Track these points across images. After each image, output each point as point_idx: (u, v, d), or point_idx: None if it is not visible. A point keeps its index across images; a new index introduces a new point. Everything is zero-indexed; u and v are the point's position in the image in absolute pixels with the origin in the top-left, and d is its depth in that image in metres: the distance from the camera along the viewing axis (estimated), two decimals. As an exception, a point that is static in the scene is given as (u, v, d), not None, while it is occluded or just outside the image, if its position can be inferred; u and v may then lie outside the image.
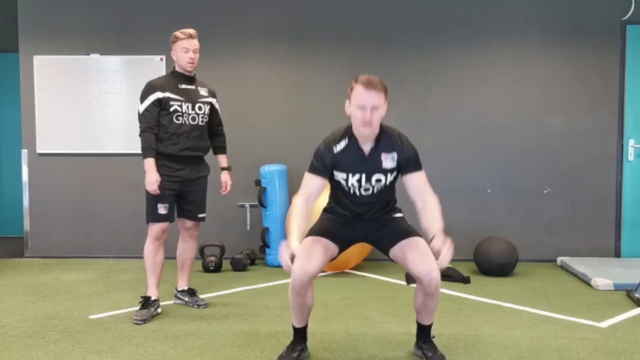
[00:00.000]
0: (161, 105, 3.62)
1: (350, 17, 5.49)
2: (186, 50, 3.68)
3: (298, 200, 2.75)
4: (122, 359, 2.97)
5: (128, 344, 3.18)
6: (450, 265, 4.83)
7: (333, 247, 2.82)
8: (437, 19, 5.43)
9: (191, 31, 3.72)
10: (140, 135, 3.61)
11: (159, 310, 3.71)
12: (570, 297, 4.15)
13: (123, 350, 3.08)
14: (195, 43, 3.72)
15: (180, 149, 3.66)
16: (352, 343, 3.19)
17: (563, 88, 5.39)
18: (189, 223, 3.88)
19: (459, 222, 5.46)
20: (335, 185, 2.88)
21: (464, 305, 3.94)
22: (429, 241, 2.63)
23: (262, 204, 5.19)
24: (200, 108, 3.75)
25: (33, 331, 3.39)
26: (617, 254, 5.40)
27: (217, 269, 5.00)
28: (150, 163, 3.58)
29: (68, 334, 3.34)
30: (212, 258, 5.01)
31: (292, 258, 2.60)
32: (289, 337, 3.26)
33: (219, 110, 3.94)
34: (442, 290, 4.33)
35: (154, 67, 5.43)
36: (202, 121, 3.76)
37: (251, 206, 5.51)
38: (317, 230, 2.83)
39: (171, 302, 4.01)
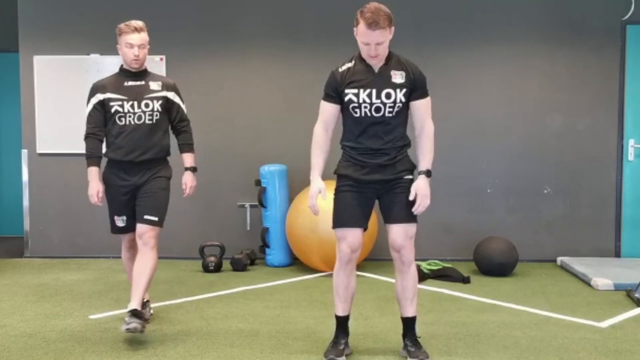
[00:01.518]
0: (104, 107, 3.36)
1: (350, 17, 5.46)
2: (130, 46, 3.32)
3: (319, 129, 2.94)
4: (122, 359, 2.97)
5: (128, 344, 3.18)
6: (450, 265, 4.84)
7: (362, 225, 2.93)
8: (437, 19, 5.43)
9: (137, 24, 3.36)
10: (84, 141, 3.41)
11: (151, 311, 3.67)
12: (570, 297, 4.15)
13: (123, 350, 3.08)
14: (141, 37, 3.35)
15: (125, 153, 3.34)
16: (352, 343, 3.18)
17: (563, 88, 5.39)
18: (139, 227, 3.36)
19: (459, 222, 5.46)
20: (348, 115, 2.92)
21: (464, 305, 3.94)
22: (416, 175, 2.93)
23: (262, 204, 5.19)
24: (147, 105, 3.37)
25: (33, 331, 3.39)
26: (617, 254, 5.40)
27: (217, 269, 5.00)
28: (92, 173, 3.37)
29: (68, 334, 3.34)
30: (212, 258, 5.01)
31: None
32: (289, 337, 3.27)
33: (180, 105, 3.56)
34: (443, 290, 4.34)
35: (154, 67, 5.38)
36: (150, 119, 3.38)
37: (251, 206, 5.51)
38: (341, 220, 2.90)
39: (169, 302, 4.00)
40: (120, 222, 3.44)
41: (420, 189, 2.84)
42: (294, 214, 4.86)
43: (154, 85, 3.44)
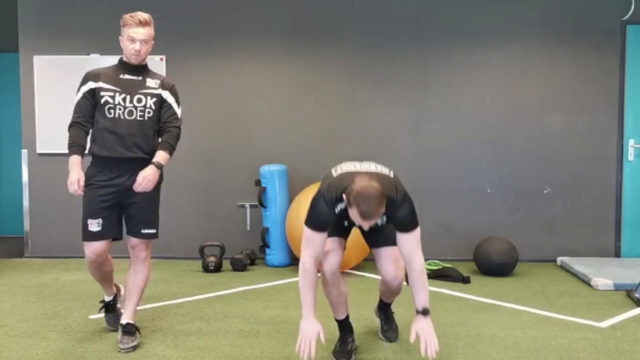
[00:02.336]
0: (94, 97, 3.14)
1: (351, 17, 5.49)
2: (132, 40, 3.10)
3: (310, 263, 2.71)
4: (122, 359, 2.97)
5: (128, 344, 3.18)
6: (450, 265, 4.84)
7: (342, 239, 2.97)
8: (437, 19, 5.43)
9: (141, 17, 3.12)
10: (68, 130, 3.16)
11: (122, 292, 3.50)
12: (570, 297, 4.15)
13: (123, 351, 3.07)
14: (145, 32, 3.12)
15: (112, 149, 3.11)
16: (352, 343, 3.19)
17: (563, 88, 5.39)
18: (132, 240, 3.24)
19: (459, 222, 5.46)
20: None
21: (464, 305, 3.94)
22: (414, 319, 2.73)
23: (262, 204, 5.19)
24: (140, 100, 3.15)
25: (33, 331, 3.39)
26: (617, 254, 5.40)
27: (217, 269, 5.00)
28: (73, 160, 3.10)
29: (68, 334, 3.34)
30: (212, 258, 5.01)
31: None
32: (289, 337, 3.27)
33: (172, 105, 3.26)
34: (443, 290, 4.34)
35: (154, 67, 5.36)
36: (141, 116, 3.15)
37: (251, 206, 5.51)
38: (320, 229, 2.80)
39: (169, 302, 4.00)
40: (95, 225, 3.17)
41: (424, 331, 2.64)
42: (294, 214, 4.86)
43: (151, 82, 3.23)
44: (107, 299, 3.45)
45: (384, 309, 3.28)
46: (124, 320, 3.18)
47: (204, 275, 4.88)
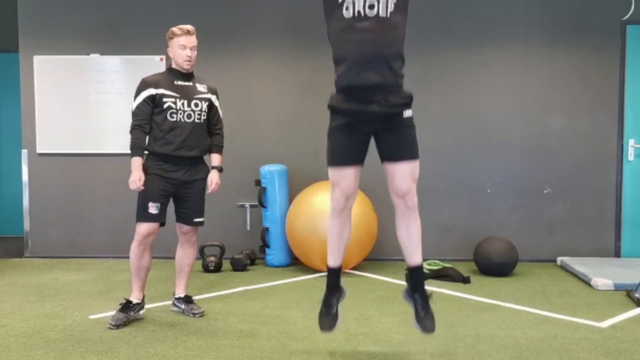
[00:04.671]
0: (154, 102, 3.51)
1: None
2: (183, 47, 3.57)
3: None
4: (122, 359, 2.97)
5: (128, 344, 3.18)
6: (450, 265, 4.84)
7: (356, 167, 2.76)
8: (437, 18, 5.43)
9: (189, 27, 3.59)
10: (130, 132, 3.50)
11: (141, 313, 3.63)
12: (570, 297, 4.15)
13: (123, 350, 3.08)
14: (193, 40, 3.61)
15: (175, 148, 3.52)
16: (352, 343, 3.19)
17: (563, 88, 5.39)
18: (185, 227, 3.74)
19: (459, 222, 5.46)
20: (339, 22, 2.79)
21: (464, 305, 3.94)
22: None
23: (262, 204, 5.19)
24: (196, 105, 3.60)
25: (33, 331, 3.40)
26: (617, 254, 5.40)
27: (217, 269, 5.00)
28: (136, 162, 3.47)
29: (68, 334, 3.34)
30: (212, 258, 5.01)
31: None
32: (288, 337, 3.27)
33: (218, 108, 3.79)
34: (442, 290, 4.34)
35: (154, 67, 5.42)
36: (198, 118, 3.61)
37: (251, 206, 5.51)
38: (335, 160, 2.73)
39: (169, 302, 4.00)
40: (154, 209, 3.51)
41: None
42: (294, 214, 4.86)
43: (201, 87, 3.68)
44: (132, 297, 3.58)
45: (416, 282, 2.78)
46: (182, 293, 3.77)
47: (204, 275, 4.88)
